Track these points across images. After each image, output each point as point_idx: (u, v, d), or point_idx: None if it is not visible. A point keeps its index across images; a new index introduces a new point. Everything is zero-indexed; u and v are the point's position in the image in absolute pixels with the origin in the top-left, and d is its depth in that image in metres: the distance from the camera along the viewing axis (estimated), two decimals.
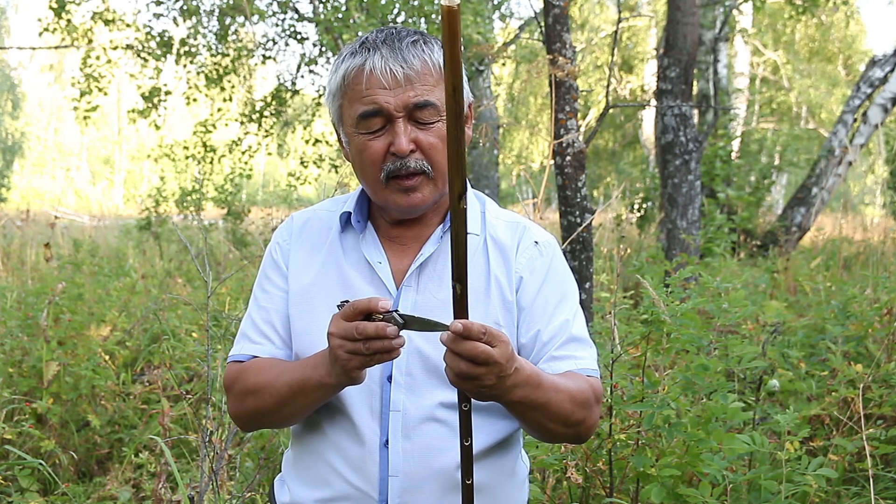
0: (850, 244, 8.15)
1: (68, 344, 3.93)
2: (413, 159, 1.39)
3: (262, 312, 1.53)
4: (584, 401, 1.42)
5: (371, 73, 1.37)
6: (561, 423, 1.40)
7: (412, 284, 1.45)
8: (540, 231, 1.55)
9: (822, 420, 3.08)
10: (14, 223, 9.87)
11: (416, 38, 1.41)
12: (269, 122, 11.00)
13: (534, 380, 1.32)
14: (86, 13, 10.11)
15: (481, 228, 1.51)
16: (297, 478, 1.53)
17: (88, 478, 3.62)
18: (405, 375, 1.42)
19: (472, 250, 1.47)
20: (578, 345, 1.48)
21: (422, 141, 1.39)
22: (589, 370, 1.47)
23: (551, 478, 2.67)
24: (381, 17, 8.03)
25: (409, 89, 1.37)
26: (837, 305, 3.41)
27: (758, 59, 17.91)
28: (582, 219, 3.63)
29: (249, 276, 5.79)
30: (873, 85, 8.86)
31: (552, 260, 1.52)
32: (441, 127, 1.40)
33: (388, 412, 1.42)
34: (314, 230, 1.55)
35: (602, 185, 19.33)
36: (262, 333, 1.52)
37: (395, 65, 1.36)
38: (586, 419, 1.44)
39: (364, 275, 1.47)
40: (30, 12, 61.93)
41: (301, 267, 1.52)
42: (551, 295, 1.49)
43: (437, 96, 1.39)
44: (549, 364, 1.44)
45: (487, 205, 1.56)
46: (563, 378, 1.41)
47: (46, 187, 36.56)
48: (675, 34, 6.55)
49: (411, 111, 1.38)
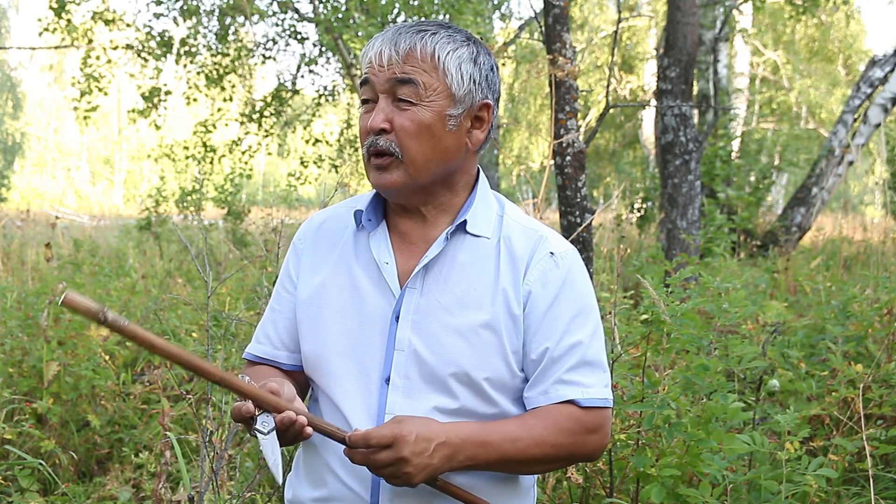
0: (850, 244, 8.15)
1: (68, 344, 3.92)
2: (384, 139, 1.40)
3: (271, 314, 1.58)
4: (560, 441, 1.40)
5: (370, 53, 1.42)
6: (537, 465, 1.42)
7: (416, 286, 1.44)
8: (559, 241, 1.49)
9: (822, 420, 3.08)
10: (14, 223, 9.87)
11: (429, 28, 1.42)
12: (269, 122, 11.00)
13: (473, 441, 1.35)
14: (86, 13, 10.12)
15: (495, 231, 1.48)
16: (300, 476, 1.54)
17: (88, 478, 3.62)
18: (402, 378, 1.42)
19: (482, 254, 1.46)
20: (589, 370, 1.43)
21: (395, 122, 1.40)
22: (595, 399, 1.42)
23: (551, 478, 2.67)
24: (381, 16, 8.03)
25: (395, 67, 1.39)
26: (837, 305, 3.41)
27: (758, 59, 17.92)
28: (582, 219, 3.63)
29: (249, 276, 5.79)
30: (873, 85, 8.86)
31: (569, 272, 1.46)
32: (418, 111, 1.39)
33: (383, 414, 1.41)
34: (331, 229, 1.55)
35: (602, 185, 19.33)
36: (266, 335, 1.58)
37: (387, 47, 1.39)
38: (573, 453, 1.43)
39: (371, 276, 1.47)
40: (30, 12, 61.94)
41: (313, 269, 1.53)
42: (564, 310, 1.44)
43: (424, 79, 1.39)
44: (555, 387, 1.42)
45: (507, 208, 1.52)
46: (527, 420, 1.41)
47: (46, 187, 36.57)
48: (675, 34, 6.55)
49: (393, 87, 1.39)
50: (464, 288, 1.43)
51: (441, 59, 1.39)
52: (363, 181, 11.92)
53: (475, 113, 1.44)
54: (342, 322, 1.46)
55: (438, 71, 1.39)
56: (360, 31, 8.02)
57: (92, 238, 9.82)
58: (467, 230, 1.46)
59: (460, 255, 1.46)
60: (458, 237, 1.46)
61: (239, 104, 11.10)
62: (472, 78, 1.42)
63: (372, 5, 8.11)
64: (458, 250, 1.46)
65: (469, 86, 1.41)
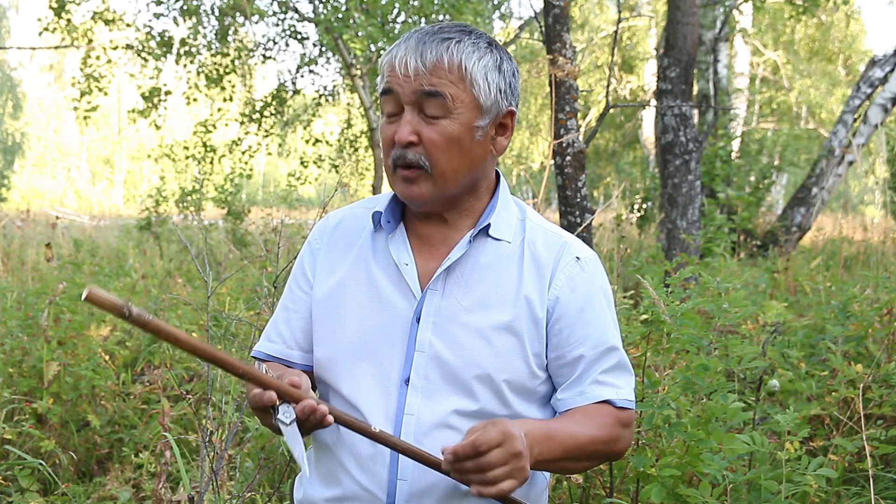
0: (850, 244, 8.14)
1: (68, 344, 3.92)
2: (412, 152, 1.39)
3: (283, 312, 1.57)
4: (605, 436, 1.44)
5: (394, 62, 1.40)
6: (586, 461, 1.45)
7: (438, 288, 1.44)
8: (582, 246, 1.51)
9: (822, 420, 3.08)
10: (14, 223, 9.87)
11: (452, 35, 1.40)
12: (270, 122, 11.01)
13: (542, 435, 1.35)
14: (86, 13, 10.12)
15: (517, 235, 1.49)
16: (312, 475, 1.53)
17: (88, 478, 3.62)
18: (423, 380, 1.41)
19: (504, 257, 1.47)
20: (622, 373, 1.49)
21: (424, 135, 1.38)
22: (625, 401, 1.47)
23: (551, 478, 2.67)
24: (381, 16, 8.03)
25: (422, 79, 1.37)
26: (837, 305, 3.40)
27: (758, 59, 17.92)
28: (582, 219, 3.63)
29: (249, 276, 5.79)
30: (873, 85, 8.86)
31: (594, 277, 1.49)
32: (447, 125, 1.38)
33: (402, 415, 1.41)
34: (348, 230, 1.55)
35: (602, 185, 19.32)
36: (279, 333, 1.56)
37: (412, 58, 1.37)
38: (613, 450, 1.47)
39: (391, 277, 1.47)
40: (30, 12, 61.92)
41: (330, 269, 1.52)
42: (597, 315, 1.47)
43: (451, 91, 1.37)
44: (591, 388, 1.45)
45: (529, 213, 1.53)
46: (577, 417, 1.43)
47: (46, 187, 36.58)
48: (675, 34, 6.55)
49: (420, 99, 1.38)
50: (485, 290, 1.44)
51: (468, 69, 1.38)
52: (363, 181, 11.93)
53: (500, 121, 1.45)
54: (360, 322, 1.46)
55: (466, 82, 1.39)
56: (360, 31, 8.02)
57: (92, 238, 9.82)
58: (490, 234, 1.47)
59: (482, 258, 1.46)
60: (480, 240, 1.47)
61: (239, 104, 11.10)
62: (498, 87, 1.42)
63: (372, 5, 8.11)
64: (480, 253, 1.46)
65: (496, 95, 1.42)
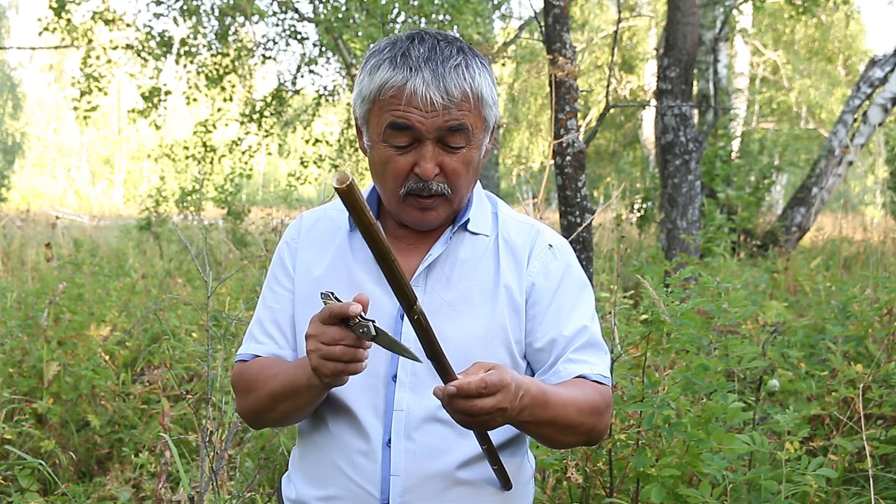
0: (850, 244, 8.13)
1: (68, 344, 3.92)
2: (436, 182, 1.40)
3: (268, 312, 1.55)
4: (592, 409, 1.42)
5: (412, 96, 1.34)
6: (570, 434, 1.41)
7: (420, 285, 1.46)
8: (553, 234, 1.55)
9: (822, 420, 3.08)
10: (14, 223, 9.87)
11: (458, 60, 1.37)
12: (270, 122, 11.00)
13: (540, 399, 1.32)
14: (86, 13, 10.12)
15: (492, 229, 1.52)
16: (301, 475, 1.53)
17: (88, 478, 3.62)
18: (410, 375, 1.43)
19: (481, 251, 1.49)
20: (594, 350, 1.49)
21: (446, 165, 1.39)
22: (601, 377, 1.47)
23: (551, 478, 2.67)
24: (381, 16, 8.03)
25: (445, 114, 1.35)
26: (837, 305, 3.40)
27: (758, 59, 17.91)
28: (582, 219, 3.63)
29: (249, 276, 5.79)
30: (873, 85, 8.86)
31: (567, 264, 1.52)
32: (467, 152, 1.40)
33: (391, 411, 1.42)
34: (324, 229, 1.55)
35: (602, 185, 19.32)
36: (267, 333, 1.54)
37: (435, 93, 1.33)
38: (596, 426, 1.44)
39: (372, 275, 1.47)
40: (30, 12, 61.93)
41: (309, 267, 1.52)
42: (567, 299, 1.49)
43: (471, 121, 1.38)
44: (564, 366, 1.45)
45: (500, 206, 1.56)
46: (571, 388, 1.42)
47: (46, 187, 36.56)
48: (675, 34, 6.55)
49: (444, 135, 1.37)
50: (467, 284, 1.46)
51: (482, 94, 1.39)
52: (363, 181, 11.93)
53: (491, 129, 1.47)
54: None
55: (480, 108, 1.40)
56: (360, 31, 8.02)
57: (92, 238, 9.82)
58: (468, 228, 1.49)
59: (461, 253, 1.48)
60: (458, 235, 1.49)
61: (239, 104, 11.10)
62: (495, 101, 1.43)
63: (372, 5, 8.11)
64: (459, 248, 1.49)
65: (496, 110, 1.44)
